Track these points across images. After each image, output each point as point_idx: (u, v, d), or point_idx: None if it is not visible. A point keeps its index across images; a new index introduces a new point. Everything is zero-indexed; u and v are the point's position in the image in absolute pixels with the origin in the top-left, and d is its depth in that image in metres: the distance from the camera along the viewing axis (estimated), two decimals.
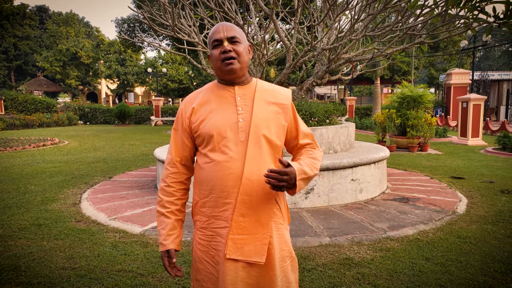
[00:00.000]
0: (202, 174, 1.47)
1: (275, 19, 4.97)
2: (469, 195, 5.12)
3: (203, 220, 1.48)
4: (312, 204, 4.50)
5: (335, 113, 5.94)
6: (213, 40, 1.46)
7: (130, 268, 2.95)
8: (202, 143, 1.47)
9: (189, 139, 1.52)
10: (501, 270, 2.88)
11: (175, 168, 1.53)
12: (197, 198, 1.50)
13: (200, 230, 1.48)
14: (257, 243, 1.41)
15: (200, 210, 1.49)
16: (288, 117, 1.52)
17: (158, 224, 1.53)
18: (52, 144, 11.70)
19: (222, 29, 1.45)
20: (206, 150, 1.46)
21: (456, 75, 20.43)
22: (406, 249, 3.30)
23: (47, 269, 2.94)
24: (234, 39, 1.44)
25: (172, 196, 1.52)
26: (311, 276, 2.81)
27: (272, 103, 1.50)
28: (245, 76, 1.51)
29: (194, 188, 1.53)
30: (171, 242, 1.48)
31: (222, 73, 1.47)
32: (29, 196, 5.24)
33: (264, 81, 1.58)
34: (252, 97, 1.48)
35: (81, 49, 36.71)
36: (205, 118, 1.45)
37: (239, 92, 1.49)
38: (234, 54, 1.43)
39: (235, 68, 1.44)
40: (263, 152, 1.43)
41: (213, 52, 1.47)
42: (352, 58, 5.50)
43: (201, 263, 1.47)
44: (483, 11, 4.35)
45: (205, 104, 1.48)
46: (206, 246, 1.46)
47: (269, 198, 1.44)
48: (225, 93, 1.49)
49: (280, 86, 1.72)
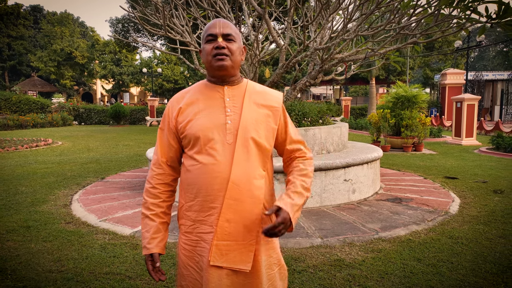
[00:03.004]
0: (188, 177, 1.43)
1: (268, 19, 4.94)
2: (462, 195, 5.12)
3: (188, 224, 1.43)
4: (305, 205, 4.46)
5: (328, 113, 5.93)
6: (208, 34, 1.41)
7: (118, 271, 2.91)
8: (188, 144, 1.43)
9: (175, 140, 1.47)
10: (492, 271, 2.87)
11: (160, 169, 1.49)
12: (183, 201, 1.46)
13: (185, 235, 1.44)
14: (242, 250, 1.37)
15: (185, 214, 1.45)
16: (278, 120, 1.47)
17: (142, 226, 1.49)
18: (45, 144, 11.60)
19: (218, 25, 1.40)
20: (192, 152, 1.41)
21: (450, 75, 20.52)
22: (398, 250, 3.28)
23: (34, 272, 2.89)
24: (229, 36, 1.40)
25: (157, 198, 1.48)
26: (301, 278, 2.78)
27: (262, 105, 1.45)
28: (236, 76, 1.46)
29: (180, 191, 1.49)
30: (155, 246, 1.44)
31: (212, 69, 1.42)
32: (19, 197, 5.18)
33: (255, 83, 1.53)
34: (242, 98, 1.44)
35: (76, 49, 36.49)
36: (192, 118, 1.41)
37: (229, 92, 1.44)
38: (227, 52, 1.39)
39: (226, 65, 1.39)
40: (251, 156, 1.39)
41: (205, 47, 1.42)
42: (345, 58, 5.48)
43: (186, 268, 1.44)
44: (475, 11, 4.34)
45: (193, 104, 1.44)
46: (191, 251, 1.42)
47: (257, 203, 1.40)
48: (213, 93, 1.45)
49: (273, 86, 1.68)
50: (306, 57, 5.54)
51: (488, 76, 23.72)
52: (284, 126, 1.50)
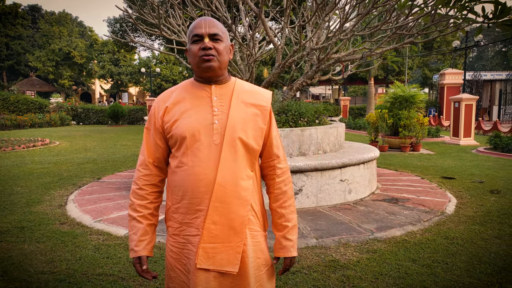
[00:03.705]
0: (174, 179, 1.40)
1: (264, 19, 4.92)
2: (458, 195, 5.11)
3: (175, 227, 1.42)
4: (300, 205, 4.45)
5: (325, 113, 5.91)
6: (194, 34, 1.37)
7: (111, 272, 2.89)
8: (174, 145, 1.40)
9: (162, 140, 1.45)
10: (487, 271, 2.86)
11: (147, 170, 1.46)
12: (170, 203, 1.44)
13: (172, 237, 1.42)
14: (229, 252, 1.35)
15: (172, 216, 1.43)
16: (267, 120, 1.45)
17: (129, 228, 1.47)
18: (42, 144, 11.56)
19: (204, 24, 1.36)
20: (178, 153, 1.39)
21: (449, 75, 20.53)
22: (393, 250, 3.26)
23: (26, 274, 2.87)
24: (216, 36, 1.37)
25: (144, 199, 1.46)
26: (295, 279, 2.76)
27: (250, 104, 1.43)
28: (223, 76, 1.44)
29: (167, 193, 1.47)
30: (142, 249, 1.43)
31: (199, 70, 1.40)
32: (14, 198, 5.15)
33: (244, 82, 1.50)
34: (230, 98, 1.41)
35: (74, 49, 36.42)
36: (178, 118, 1.38)
37: (216, 91, 1.42)
38: (214, 52, 1.36)
39: (214, 66, 1.37)
40: (239, 157, 1.36)
41: (192, 47, 1.39)
42: (342, 58, 5.46)
43: (174, 271, 1.42)
44: (472, 11, 4.33)
45: (179, 103, 1.41)
46: (178, 254, 1.40)
47: (244, 205, 1.38)
48: (201, 92, 1.42)
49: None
50: (303, 57, 5.53)
51: (486, 76, 23.74)
52: (269, 128, 1.47)
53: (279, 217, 1.49)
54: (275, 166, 1.49)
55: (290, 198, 1.50)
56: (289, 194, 1.50)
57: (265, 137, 1.46)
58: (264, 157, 1.49)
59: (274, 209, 1.50)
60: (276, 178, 1.49)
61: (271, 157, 1.49)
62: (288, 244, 1.46)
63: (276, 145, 1.49)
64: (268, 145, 1.48)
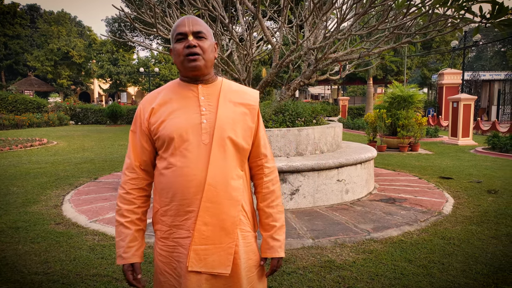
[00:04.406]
0: (162, 180, 1.37)
1: (261, 18, 4.90)
2: (456, 195, 5.10)
3: (164, 230, 1.38)
4: (297, 205, 4.44)
5: (323, 113, 5.89)
6: (177, 33, 1.35)
7: (105, 273, 2.87)
8: (162, 146, 1.37)
9: (148, 142, 1.41)
10: (483, 272, 2.85)
11: (134, 174, 1.43)
12: (158, 206, 1.41)
13: (161, 240, 1.39)
14: (221, 253, 1.34)
15: (160, 219, 1.39)
16: (255, 119, 1.44)
17: (116, 235, 1.43)
18: (40, 144, 11.53)
19: (187, 23, 1.35)
20: (166, 154, 1.36)
21: (448, 75, 20.56)
22: (389, 251, 3.25)
23: (19, 274, 2.85)
24: (200, 34, 1.35)
25: (131, 204, 1.42)
26: (291, 280, 2.74)
27: (238, 103, 1.41)
28: (210, 75, 1.42)
29: (154, 195, 1.43)
30: (132, 255, 1.39)
31: (184, 69, 1.37)
32: (9, 198, 5.13)
33: (231, 81, 1.49)
34: (217, 97, 1.39)
35: (73, 49, 36.36)
36: (165, 119, 1.35)
37: (203, 91, 1.40)
38: (199, 50, 1.34)
39: (199, 65, 1.35)
40: (228, 156, 1.35)
41: (176, 46, 1.36)
42: (339, 57, 5.45)
43: (163, 275, 1.39)
44: (469, 10, 4.32)
45: (166, 104, 1.38)
46: (167, 257, 1.37)
47: (235, 205, 1.36)
48: (187, 92, 1.40)
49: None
50: (300, 56, 5.51)
51: (485, 76, 23.76)
52: (257, 127, 1.46)
53: (266, 216, 1.48)
54: (263, 165, 1.48)
55: (278, 198, 1.49)
56: (277, 193, 1.49)
57: (253, 136, 1.45)
58: (251, 156, 1.48)
59: (262, 209, 1.49)
60: (264, 178, 1.47)
61: (258, 156, 1.47)
62: (276, 245, 1.45)
63: (263, 144, 1.48)
64: (255, 144, 1.46)
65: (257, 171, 1.49)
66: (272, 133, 4.74)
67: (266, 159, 1.48)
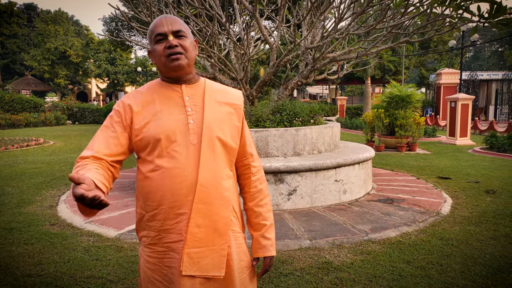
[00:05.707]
0: (148, 184, 1.30)
1: (258, 17, 4.87)
2: (454, 196, 5.08)
3: (151, 236, 1.32)
4: (295, 206, 4.41)
5: (320, 113, 5.86)
6: (156, 34, 1.30)
7: (100, 275, 2.83)
8: (145, 148, 1.30)
9: (126, 140, 1.31)
10: (482, 273, 2.82)
11: (98, 161, 1.23)
12: (143, 211, 1.34)
13: (149, 247, 1.33)
14: (214, 256, 1.30)
15: (147, 224, 1.33)
16: (241, 119, 1.42)
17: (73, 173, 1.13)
18: (36, 144, 11.46)
19: (166, 22, 1.30)
20: (151, 157, 1.29)
21: (445, 75, 20.58)
22: (387, 252, 3.22)
23: (12, 277, 2.81)
24: (180, 33, 1.31)
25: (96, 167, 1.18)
26: (288, 282, 2.71)
27: (224, 103, 1.39)
28: (192, 74, 1.39)
29: (138, 201, 1.36)
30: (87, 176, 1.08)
31: (167, 70, 1.33)
32: (4, 198, 5.08)
33: (212, 81, 1.46)
34: (202, 97, 1.36)
35: (70, 48, 36.19)
36: (149, 120, 1.30)
37: (187, 91, 1.36)
38: (181, 49, 1.30)
39: (183, 64, 1.31)
40: (218, 156, 1.32)
41: (156, 48, 1.31)
42: (337, 57, 5.42)
43: (152, 283, 1.33)
44: (467, 10, 4.30)
45: (148, 105, 1.33)
46: (157, 264, 1.32)
47: (226, 206, 1.33)
48: (171, 93, 1.35)
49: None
50: (298, 56, 5.48)
51: (483, 76, 23.81)
52: (242, 127, 1.44)
53: (256, 216, 1.46)
54: (250, 165, 1.46)
55: (266, 197, 1.48)
56: (265, 192, 1.48)
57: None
58: (238, 156, 1.45)
59: (251, 208, 1.46)
60: (251, 177, 1.46)
61: (245, 155, 1.45)
62: (267, 243, 1.44)
63: (249, 143, 1.46)
64: (242, 143, 1.44)
65: (244, 170, 1.47)
66: (269, 133, 4.71)
67: (252, 158, 1.46)
